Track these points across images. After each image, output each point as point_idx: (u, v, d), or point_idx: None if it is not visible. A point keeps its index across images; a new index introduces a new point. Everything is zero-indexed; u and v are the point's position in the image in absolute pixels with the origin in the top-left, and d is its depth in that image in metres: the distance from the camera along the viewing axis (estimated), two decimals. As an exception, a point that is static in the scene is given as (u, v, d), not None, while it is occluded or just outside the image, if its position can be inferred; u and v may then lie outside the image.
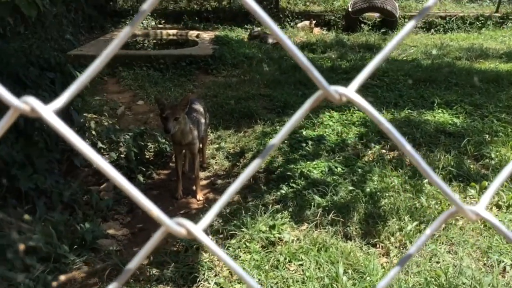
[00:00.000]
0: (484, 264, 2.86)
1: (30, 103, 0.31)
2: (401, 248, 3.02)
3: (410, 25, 0.35)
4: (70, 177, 3.86)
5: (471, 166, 4.05)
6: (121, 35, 0.32)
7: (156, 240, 0.36)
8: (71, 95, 0.34)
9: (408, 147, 0.37)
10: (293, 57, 0.34)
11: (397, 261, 2.94)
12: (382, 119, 0.35)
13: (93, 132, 4.48)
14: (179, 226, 0.33)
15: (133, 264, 0.38)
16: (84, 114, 4.65)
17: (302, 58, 0.33)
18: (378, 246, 3.06)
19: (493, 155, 4.17)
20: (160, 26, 11.02)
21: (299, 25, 11.12)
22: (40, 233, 2.95)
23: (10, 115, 0.32)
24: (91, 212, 3.49)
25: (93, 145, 4.42)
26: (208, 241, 0.34)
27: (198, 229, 0.33)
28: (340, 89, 0.34)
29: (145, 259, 3.01)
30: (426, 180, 3.70)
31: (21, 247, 2.43)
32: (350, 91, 0.35)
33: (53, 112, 0.32)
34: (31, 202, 3.30)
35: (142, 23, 10.63)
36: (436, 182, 0.39)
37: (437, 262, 2.86)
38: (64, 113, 3.88)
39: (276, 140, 0.34)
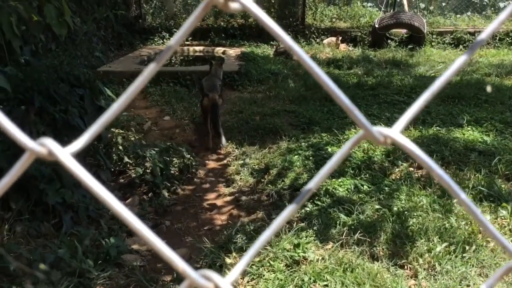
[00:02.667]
0: (518, 289, 2.74)
1: (47, 146, 0.29)
2: (430, 270, 2.93)
3: (460, 60, 0.32)
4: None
5: (502, 185, 3.92)
6: (146, 72, 0.31)
7: (180, 294, 0.33)
8: (91, 136, 0.32)
9: (463, 195, 0.34)
10: (332, 96, 0.32)
11: (426, 283, 2.86)
12: (433, 164, 0.33)
13: (120, 147, 4.54)
14: (205, 280, 0.31)
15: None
16: (112, 129, 4.71)
17: (343, 98, 0.30)
18: (406, 267, 2.98)
19: (525, 175, 4.04)
20: (187, 43, 11.15)
21: (325, 41, 11.10)
22: (66, 247, 2.98)
23: (26, 159, 0.30)
24: (116, 226, 3.52)
25: (120, 160, 4.48)
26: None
27: (226, 283, 0.31)
28: (384, 130, 0.32)
29: (169, 276, 3.00)
30: (455, 200, 3.60)
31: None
32: (395, 133, 0.32)
33: (71, 155, 0.31)
34: (58, 216, 3.35)
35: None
36: (493, 233, 0.36)
37: (468, 286, 2.76)
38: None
39: (312, 184, 0.32)
